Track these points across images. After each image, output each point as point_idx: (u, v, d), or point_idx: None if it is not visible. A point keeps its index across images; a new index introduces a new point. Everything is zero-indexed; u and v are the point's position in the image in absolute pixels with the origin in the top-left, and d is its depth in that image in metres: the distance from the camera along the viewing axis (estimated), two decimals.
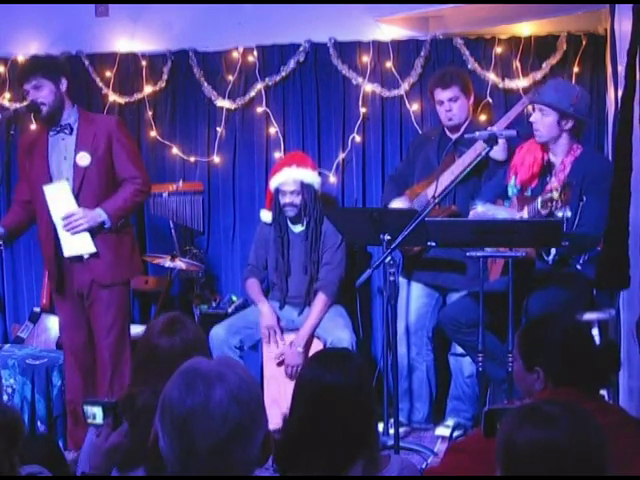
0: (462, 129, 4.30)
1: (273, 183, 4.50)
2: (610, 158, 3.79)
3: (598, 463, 1.60)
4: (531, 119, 3.80)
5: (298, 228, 4.52)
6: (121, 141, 3.95)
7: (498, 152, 4.04)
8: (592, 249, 3.60)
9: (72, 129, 3.92)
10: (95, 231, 3.87)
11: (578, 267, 3.65)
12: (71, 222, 3.83)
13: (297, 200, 4.42)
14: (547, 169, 3.78)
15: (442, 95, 4.29)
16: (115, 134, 3.93)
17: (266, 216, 4.58)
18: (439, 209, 4.17)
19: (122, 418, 2.09)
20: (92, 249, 3.87)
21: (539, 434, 1.61)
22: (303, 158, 4.58)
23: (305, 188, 4.42)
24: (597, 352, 2.36)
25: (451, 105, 4.29)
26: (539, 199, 3.44)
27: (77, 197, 3.87)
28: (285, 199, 4.44)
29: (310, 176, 4.46)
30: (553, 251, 3.62)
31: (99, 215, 3.85)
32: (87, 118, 3.97)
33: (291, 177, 4.42)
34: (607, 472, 1.61)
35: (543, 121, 3.73)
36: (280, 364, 4.36)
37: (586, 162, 3.67)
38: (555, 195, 3.33)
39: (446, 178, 4.20)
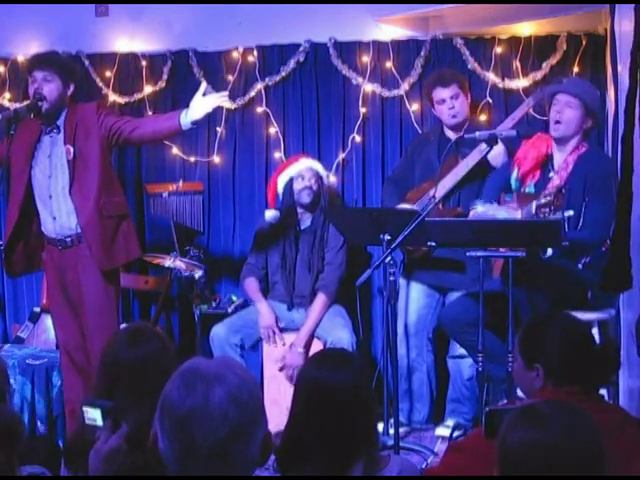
0: (462, 129, 4.30)
1: (285, 175, 4.55)
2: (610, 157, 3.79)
3: (594, 465, 1.60)
4: (554, 110, 3.67)
5: (304, 224, 4.52)
6: (107, 114, 3.96)
7: (495, 158, 4.04)
8: (594, 252, 3.59)
9: (59, 128, 3.92)
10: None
11: (579, 266, 3.64)
12: None
13: (315, 185, 4.47)
14: (549, 163, 3.75)
15: (443, 93, 4.28)
16: (100, 115, 3.91)
17: (270, 215, 4.57)
18: (445, 210, 4.17)
19: (122, 420, 2.08)
20: None
21: (530, 435, 1.62)
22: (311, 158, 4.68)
23: (319, 178, 4.51)
24: (597, 351, 2.36)
25: (453, 102, 4.27)
26: (534, 204, 3.42)
27: (70, 190, 3.86)
28: (304, 183, 4.46)
29: (322, 170, 4.57)
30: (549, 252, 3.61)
31: None
32: (71, 112, 3.94)
33: (309, 164, 4.52)
34: (605, 473, 1.61)
35: (568, 114, 3.62)
36: (282, 369, 4.34)
37: (589, 161, 3.65)
38: (548, 200, 3.31)
39: (450, 180, 4.19)
